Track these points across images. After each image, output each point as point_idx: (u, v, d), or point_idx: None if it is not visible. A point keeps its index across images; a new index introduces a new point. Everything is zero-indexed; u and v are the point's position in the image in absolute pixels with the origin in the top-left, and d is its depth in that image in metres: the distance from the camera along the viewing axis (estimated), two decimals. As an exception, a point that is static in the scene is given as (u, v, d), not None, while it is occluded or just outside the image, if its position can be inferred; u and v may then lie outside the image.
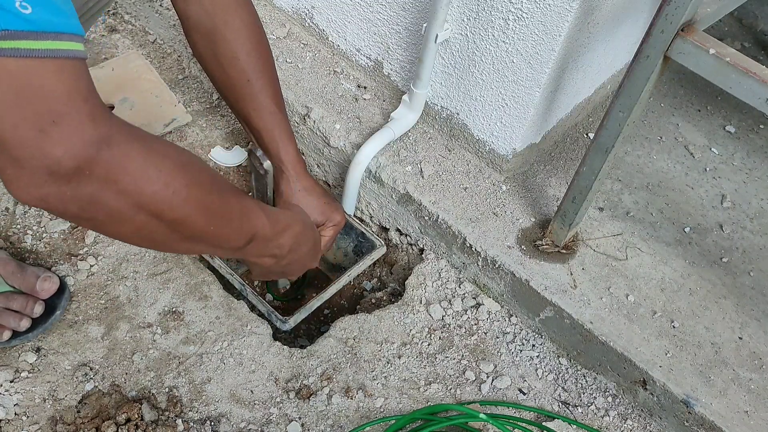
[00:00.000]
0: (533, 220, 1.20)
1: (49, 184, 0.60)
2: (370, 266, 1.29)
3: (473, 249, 1.16)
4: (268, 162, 0.98)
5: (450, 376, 1.11)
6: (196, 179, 0.74)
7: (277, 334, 1.18)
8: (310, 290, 1.34)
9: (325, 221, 1.16)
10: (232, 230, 0.83)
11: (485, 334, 1.16)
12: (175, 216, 0.71)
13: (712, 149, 1.38)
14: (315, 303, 1.15)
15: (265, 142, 1.12)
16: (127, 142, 0.64)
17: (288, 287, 1.30)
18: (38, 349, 1.05)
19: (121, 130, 0.64)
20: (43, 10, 0.57)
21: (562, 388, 1.12)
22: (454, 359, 1.13)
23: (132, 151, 0.65)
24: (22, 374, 1.02)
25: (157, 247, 0.81)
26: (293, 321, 1.11)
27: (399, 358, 1.12)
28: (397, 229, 1.30)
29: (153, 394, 1.03)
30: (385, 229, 1.33)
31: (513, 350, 1.15)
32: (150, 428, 0.99)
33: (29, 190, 0.60)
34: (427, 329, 1.16)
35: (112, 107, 1.36)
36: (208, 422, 1.02)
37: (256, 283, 1.33)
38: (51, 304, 1.06)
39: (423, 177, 1.23)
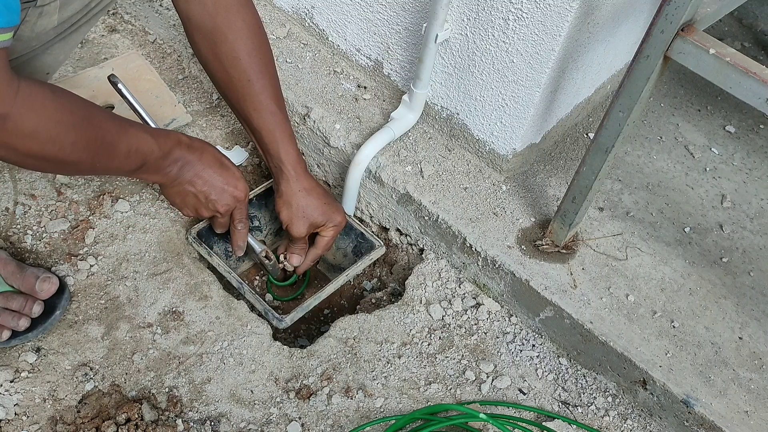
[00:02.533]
0: (533, 220, 1.20)
1: None
2: (370, 266, 1.29)
3: (473, 249, 1.16)
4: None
5: (450, 376, 1.11)
6: (83, 135, 0.84)
7: (277, 334, 1.18)
8: (310, 290, 1.34)
9: (325, 222, 1.16)
10: (121, 161, 0.92)
11: (485, 334, 1.16)
12: (61, 162, 0.84)
13: (712, 149, 1.38)
14: (312, 302, 1.15)
15: (266, 143, 1.12)
16: (22, 112, 0.75)
17: (280, 274, 1.29)
18: (38, 349, 1.04)
19: (21, 100, 0.74)
20: None
21: (562, 388, 1.12)
22: (454, 359, 1.13)
23: (27, 119, 0.76)
24: (22, 374, 1.02)
25: (57, 171, 1.01)
26: (290, 319, 1.11)
27: (399, 358, 1.12)
28: (397, 229, 1.30)
29: (153, 394, 1.03)
30: (385, 229, 1.33)
31: (513, 350, 1.15)
32: (150, 428, 0.99)
33: None
34: (427, 329, 1.16)
35: (112, 107, 1.36)
36: (208, 422, 1.02)
37: (255, 282, 1.33)
38: (51, 305, 1.06)
39: (423, 177, 1.23)
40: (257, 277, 1.34)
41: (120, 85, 1.10)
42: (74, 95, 0.85)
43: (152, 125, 1.11)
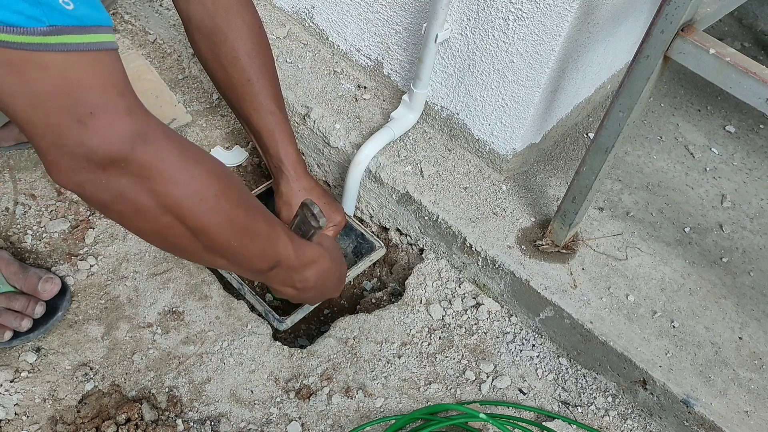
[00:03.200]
0: (533, 220, 1.20)
1: (86, 171, 0.63)
2: (370, 266, 1.29)
3: (473, 249, 1.16)
4: (324, 219, 0.97)
5: (450, 376, 1.11)
6: (226, 192, 0.74)
7: (277, 334, 1.18)
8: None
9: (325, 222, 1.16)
10: (256, 250, 0.82)
11: (485, 334, 1.16)
12: (199, 224, 0.72)
13: (712, 149, 1.38)
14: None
15: (265, 142, 1.12)
16: (163, 142, 0.66)
17: None
18: (38, 349, 1.05)
19: (156, 128, 0.66)
20: (84, 5, 0.60)
21: (562, 388, 1.12)
22: (454, 359, 1.13)
23: (166, 152, 0.67)
24: (22, 374, 1.02)
25: (179, 252, 0.81)
26: (290, 321, 1.11)
27: (399, 358, 1.12)
28: (397, 229, 1.30)
29: (153, 394, 1.03)
30: (385, 229, 1.33)
31: (513, 350, 1.15)
32: (150, 428, 0.99)
33: (67, 175, 0.64)
34: (427, 329, 1.16)
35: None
36: (208, 422, 1.02)
37: (255, 282, 1.33)
38: (52, 306, 1.06)
39: (423, 177, 1.23)
40: (257, 277, 1.34)
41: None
42: (222, 164, 0.77)
43: None
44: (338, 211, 1.18)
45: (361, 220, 1.34)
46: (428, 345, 1.14)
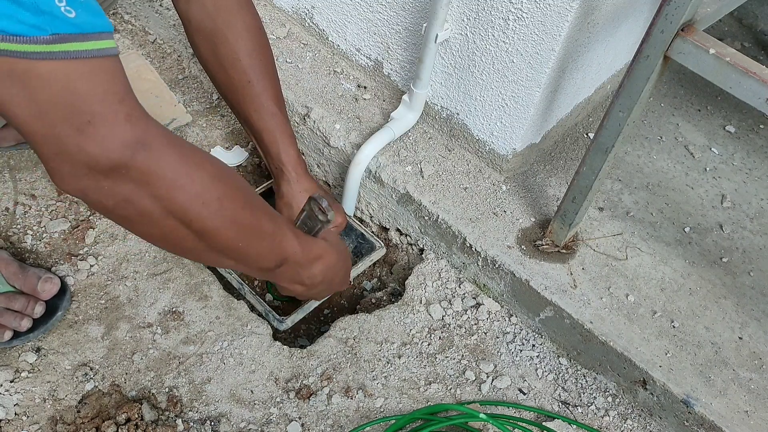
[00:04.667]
0: (533, 220, 1.20)
1: (88, 178, 0.64)
2: (370, 266, 1.29)
3: (473, 249, 1.16)
4: (333, 213, 0.97)
5: (450, 376, 1.11)
6: (230, 193, 0.74)
7: (277, 334, 1.18)
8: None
9: None
10: (262, 250, 0.83)
11: (485, 334, 1.16)
12: (203, 226, 0.72)
13: (712, 149, 1.38)
14: (313, 304, 1.15)
15: (266, 144, 1.12)
16: (164, 148, 0.66)
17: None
18: (38, 349, 1.05)
19: (158, 134, 0.66)
20: (85, 12, 0.60)
21: (562, 388, 1.12)
22: (454, 359, 1.13)
23: (167, 157, 0.67)
24: (22, 374, 1.02)
25: (185, 254, 0.82)
26: (290, 321, 1.11)
27: (399, 358, 1.12)
28: (397, 229, 1.30)
29: (153, 394, 1.03)
30: (385, 229, 1.33)
31: (513, 350, 1.15)
32: (150, 428, 0.99)
33: (69, 182, 0.64)
34: (427, 329, 1.16)
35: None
36: (208, 422, 1.02)
37: (255, 282, 1.33)
38: (52, 306, 1.06)
39: (423, 177, 1.23)
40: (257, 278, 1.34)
41: None
42: (226, 166, 0.78)
43: None
44: (339, 212, 1.18)
45: (361, 220, 1.34)
46: (428, 345, 1.14)
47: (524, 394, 1.10)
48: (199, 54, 1.08)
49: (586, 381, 1.13)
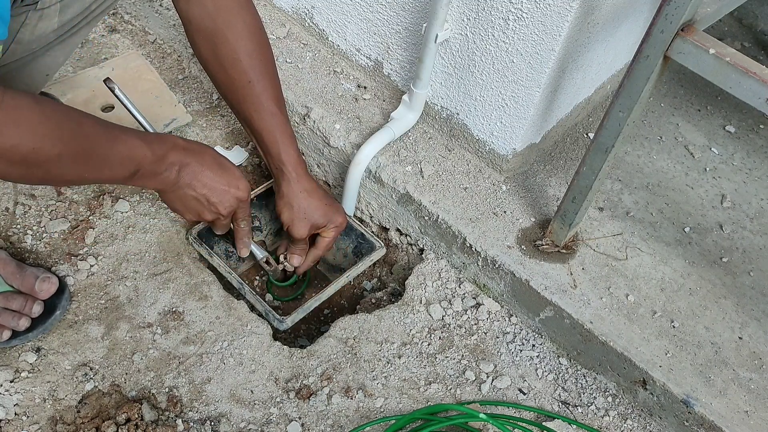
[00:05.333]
0: (533, 220, 1.20)
1: None
2: (370, 266, 1.29)
3: (473, 249, 1.16)
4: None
5: (450, 376, 1.11)
6: (65, 135, 0.81)
7: (277, 334, 1.18)
8: (310, 291, 1.34)
9: (326, 223, 1.16)
10: (114, 169, 0.90)
11: (485, 334, 1.16)
12: (50, 169, 0.81)
13: (712, 149, 1.38)
14: (312, 303, 1.15)
15: (266, 144, 1.12)
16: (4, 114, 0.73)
17: (281, 275, 1.29)
18: (38, 349, 1.04)
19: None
20: None
21: (562, 388, 1.12)
22: (454, 359, 1.13)
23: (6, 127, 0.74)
24: (22, 374, 1.02)
25: (45, 182, 0.94)
26: (290, 320, 1.11)
27: (399, 358, 1.12)
28: (397, 229, 1.30)
29: (153, 394, 1.03)
30: (385, 229, 1.33)
31: (513, 350, 1.15)
32: (150, 428, 0.99)
33: None
34: (427, 329, 1.16)
35: (112, 107, 1.36)
36: (208, 422, 1.02)
37: (255, 282, 1.33)
38: (51, 305, 1.06)
39: (423, 177, 1.23)
40: (257, 277, 1.34)
41: (116, 89, 1.10)
42: (62, 106, 0.84)
43: (149, 129, 1.10)
44: (339, 212, 1.18)
45: (361, 220, 1.34)
46: (428, 345, 1.14)
47: (524, 394, 1.10)
48: (200, 54, 1.08)
49: (586, 381, 1.13)
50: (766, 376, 1.05)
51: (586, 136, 1.36)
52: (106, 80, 1.10)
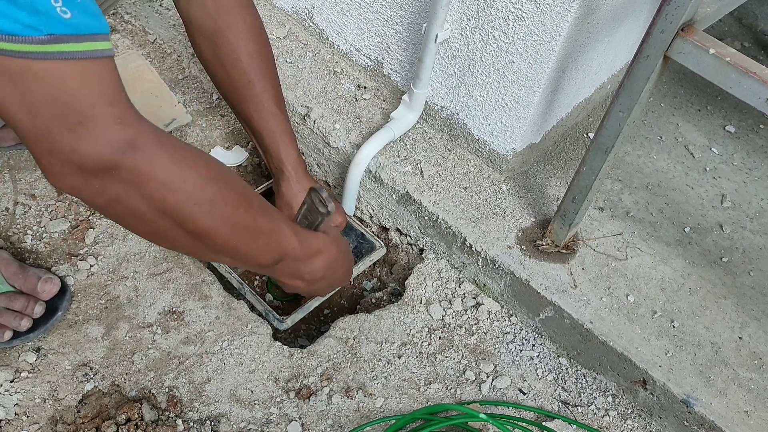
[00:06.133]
0: (533, 220, 1.20)
1: (79, 177, 0.65)
2: (370, 266, 1.29)
3: (473, 249, 1.16)
4: (333, 205, 0.97)
5: (450, 376, 1.11)
6: (223, 194, 0.75)
7: (277, 334, 1.18)
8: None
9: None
10: (259, 248, 0.83)
11: (485, 334, 1.16)
12: (197, 227, 0.73)
13: (712, 149, 1.38)
14: (313, 303, 1.15)
15: (267, 144, 1.12)
16: (155, 149, 0.67)
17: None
18: (38, 349, 1.05)
19: (149, 135, 0.67)
20: (81, 13, 0.61)
21: (562, 388, 1.12)
22: (454, 359, 1.13)
23: (158, 158, 0.67)
24: (22, 374, 1.02)
25: (181, 250, 0.83)
26: (290, 321, 1.11)
27: (399, 358, 1.12)
28: (397, 229, 1.30)
29: (153, 394, 1.03)
30: (385, 229, 1.33)
31: (513, 350, 1.15)
32: (150, 428, 0.99)
33: (61, 179, 0.66)
34: (427, 329, 1.16)
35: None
36: (208, 422, 1.02)
37: (255, 282, 1.33)
38: (52, 306, 1.06)
39: (423, 177, 1.23)
40: (257, 277, 1.34)
41: None
42: (238, 178, 0.80)
43: None
44: (338, 212, 1.18)
45: (361, 220, 1.34)
46: (428, 345, 1.14)
47: (524, 394, 1.10)
48: (200, 54, 1.09)
49: (586, 381, 1.13)
50: (766, 376, 1.05)
51: (586, 136, 1.36)
52: (315, 189, 1.08)
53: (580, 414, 1.09)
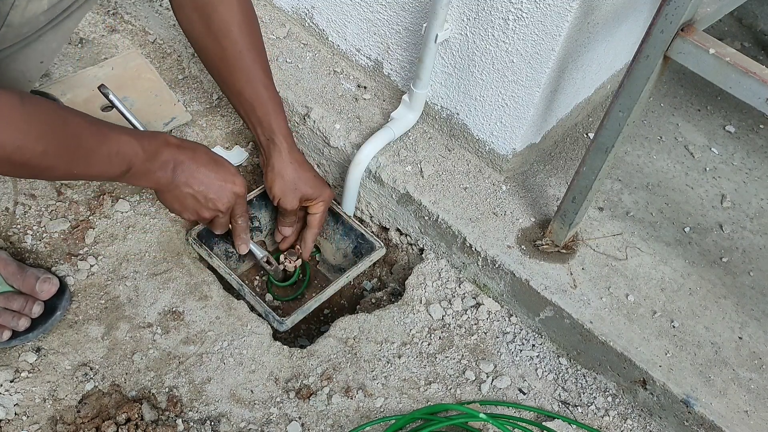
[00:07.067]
0: (533, 219, 1.20)
1: None
2: (370, 266, 1.29)
3: (473, 249, 1.16)
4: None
5: (450, 375, 1.11)
6: (49, 132, 0.81)
7: (277, 334, 1.18)
8: (310, 291, 1.34)
9: (316, 195, 1.18)
10: (105, 166, 0.89)
11: (485, 333, 1.16)
12: (37, 165, 0.81)
13: (712, 149, 1.38)
14: (312, 304, 1.15)
15: (258, 114, 1.13)
16: None
17: (281, 275, 1.29)
18: (38, 349, 1.04)
19: None
20: None
21: (562, 387, 1.12)
22: (454, 359, 1.13)
23: None
24: (22, 374, 1.02)
25: (36, 178, 0.97)
26: (290, 321, 1.11)
27: (399, 357, 1.12)
28: (397, 229, 1.30)
29: (153, 394, 1.03)
30: (385, 229, 1.33)
31: (513, 350, 1.15)
32: (150, 428, 0.99)
33: None
34: (427, 329, 1.16)
35: (112, 107, 1.35)
36: (208, 422, 1.02)
37: (255, 282, 1.33)
38: (51, 306, 1.06)
39: (423, 177, 1.23)
40: (257, 277, 1.34)
41: (110, 95, 1.10)
42: (47, 102, 0.84)
43: None
44: (326, 186, 1.21)
45: (361, 220, 1.34)
46: (428, 345, 1.14)
47: (524, 394, 1.10)
48: (191, 28, 1.09)
49: (586, 381, 1.13)
50: (766, 376, 1.05)
51: (586, 136, 1.36)
52: (101, 87, 1.10)
53: (580, 414, 1.09)
